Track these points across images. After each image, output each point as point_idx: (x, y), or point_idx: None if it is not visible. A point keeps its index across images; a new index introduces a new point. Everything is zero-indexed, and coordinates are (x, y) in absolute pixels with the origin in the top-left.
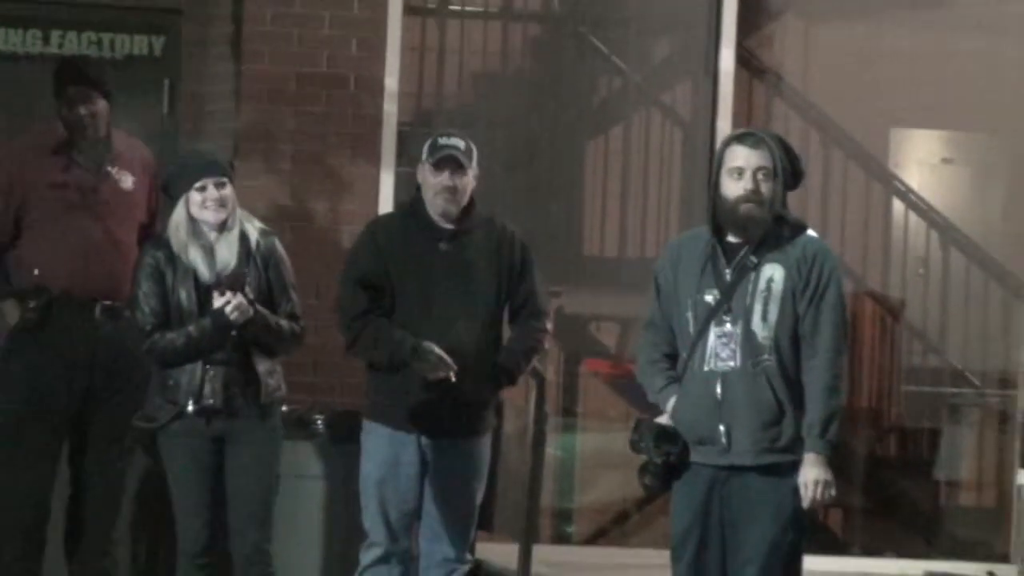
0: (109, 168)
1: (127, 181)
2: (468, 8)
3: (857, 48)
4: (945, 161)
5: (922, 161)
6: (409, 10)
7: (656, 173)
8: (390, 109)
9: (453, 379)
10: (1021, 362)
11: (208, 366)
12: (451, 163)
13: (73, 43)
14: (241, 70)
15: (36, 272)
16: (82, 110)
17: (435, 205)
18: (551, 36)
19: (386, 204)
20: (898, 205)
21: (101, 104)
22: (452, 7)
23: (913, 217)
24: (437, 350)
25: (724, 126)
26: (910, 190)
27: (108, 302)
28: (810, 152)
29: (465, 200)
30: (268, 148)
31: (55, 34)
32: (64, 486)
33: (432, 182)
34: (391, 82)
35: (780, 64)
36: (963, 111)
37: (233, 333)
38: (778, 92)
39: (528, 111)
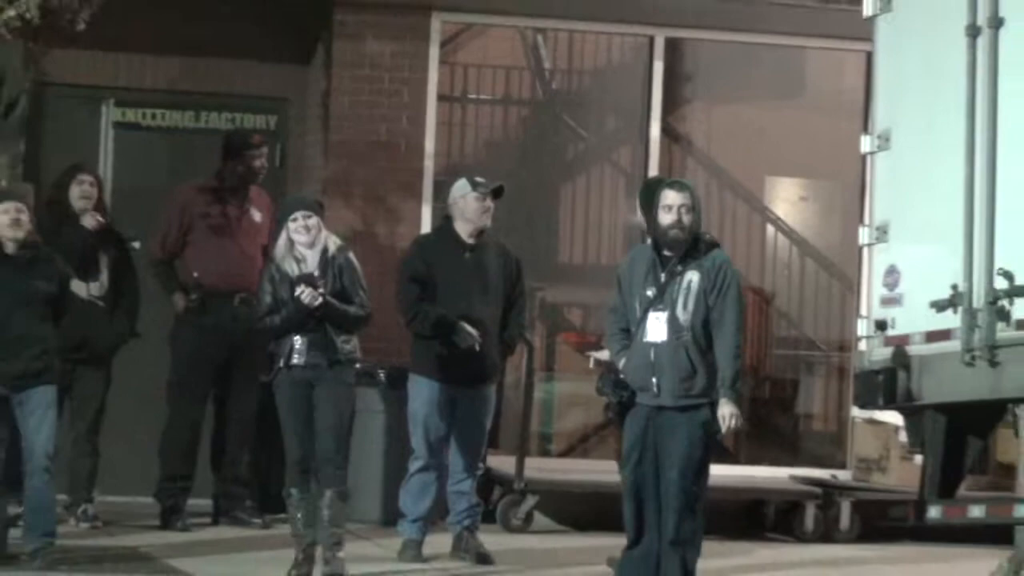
0: (247, 207)
1: (257, 216)
2: (480, 96)
3: (742, 122)
4: (802, 199)
5: (786, 199)
6: (441, 98)
7: (608, 207)
8: (428, 164)
9: (477, 349)
10: (853, 333)
11: (299, 337)
12: (494, 193)
13: (215, 121)
14: (328, 138)
15: (196, 274)
16: (256, 164)
17: (474, 222)
18: (536, 115)
19: (425, 228)
20: (770, 228)
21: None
22: (469, 96)
23: (780, 236)
24: (468, 328)
25: (655, 173)
26: (778, 218)
27: (243, 295)
28: (711, 194)
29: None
30: (346, 191)
31: (203, 114)
32: (210, 419)
33: (475, 206)
34: (429, 146)
35: (690, 133)
36: (813, 165)
37: (314, 315)
38: (689, 153)
39: (521, 165)
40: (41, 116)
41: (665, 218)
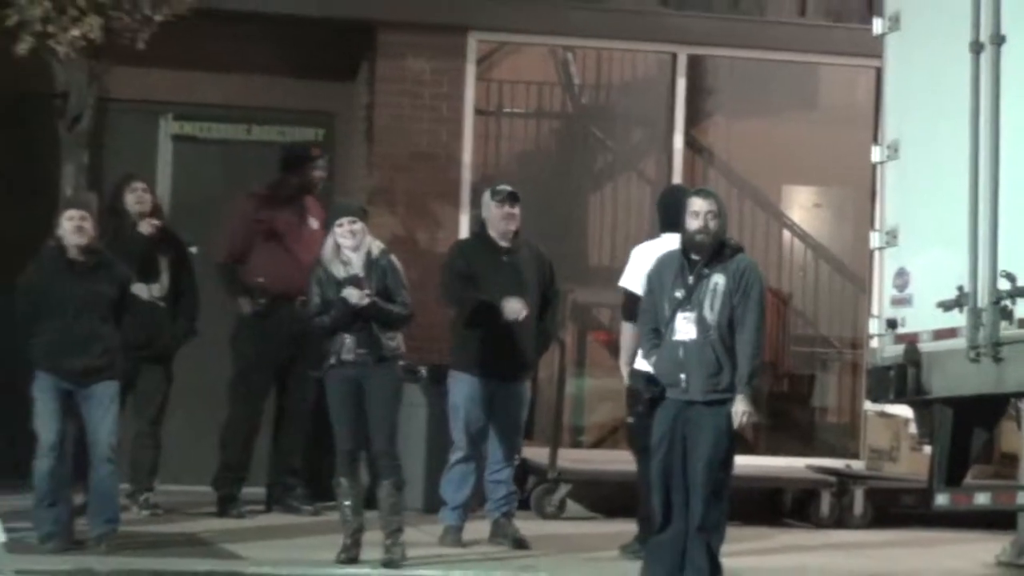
0: (305, 215)
1: (314, 224)
2: (514, 110)
3: (760, 134)
4: (816, 206)
5: (801, 206)
6: (477, 112)
7: (634, 213)
8: (465, 175)
9: (522, 317)
10: (865, 332)
11: (347, 335)
12: (509, 198)
13: (266, 134)
14: (372, 150)
15: (260, 279)
16: (317, 174)
17: (498, 228)
18: (566, 128)
19: (463, 234)
20: (786, 233)
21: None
22: (504, 110)
23: (796, 241)
24: (513, 300)
25: (679, 182)
26: (795, 224)
27: (302, 298)
28: (731, 201)
29: (516, 226)
30: (389, 199)
31: (254, 127)
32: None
33: (496, 213)
34: (466, 157)
35: (711, 145)
36: (827, 174)
37: (360, 314)
38: (710, 163)
39: (552, 175)
40: (104, 129)
41: (692, 224)
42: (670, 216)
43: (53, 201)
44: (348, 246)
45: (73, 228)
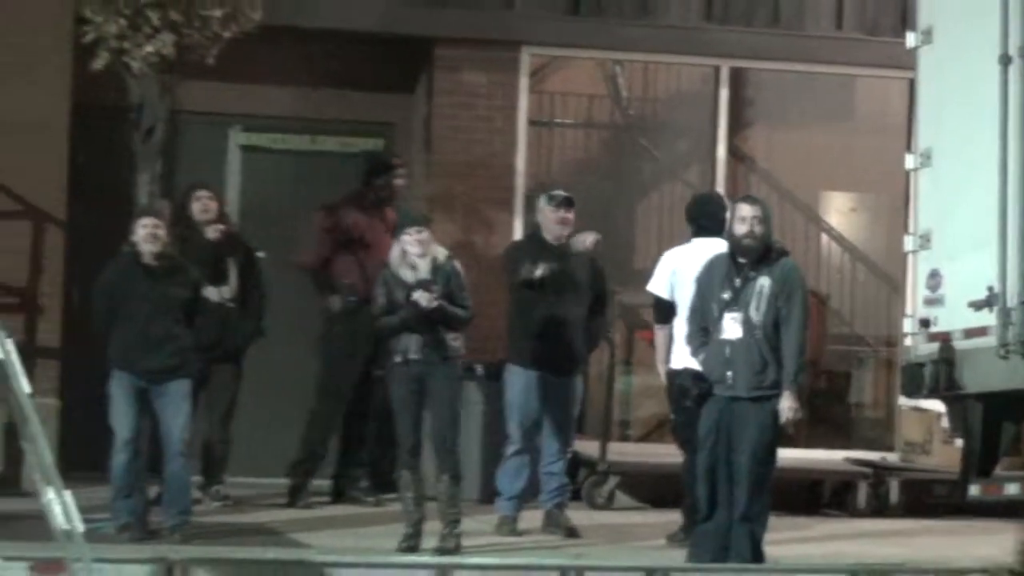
0: (386, 221)
1: (386, 228)
2: (565, 121)
3: (799, 143)
4: (853, 210)
5: (838, 210)
6: (530, 123)
7: (679, 220)
8: (519, 182)
9: (430, 305)
10: (899, 330)
11: (413, 336)
12: (564, 203)
13: (330, 144)
14: (430, 159)
15: (346, 281)
16: (398, 183)
17: (552, 231)
18: (615, 137)
19: (517, 236)
20: (824, 237)
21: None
22: (556, 120)
23: (833, 244)
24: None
25: (720, 192)
26: (832, 228)
27: None
28: (772, 208)
29: (570, 230)
30: (446, 206)
31: (318, 138)
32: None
33: (551, 216)
34: (519, 165)
35: (753, 153)
36: (862, 181)
37: (429, 316)
38: (752, 170)
39: (601, 182)
40: (176, 140)
41: (739, 228)
42: (701, 223)
43: (128, 209)
44: (415, 253)
45: (147, 236)
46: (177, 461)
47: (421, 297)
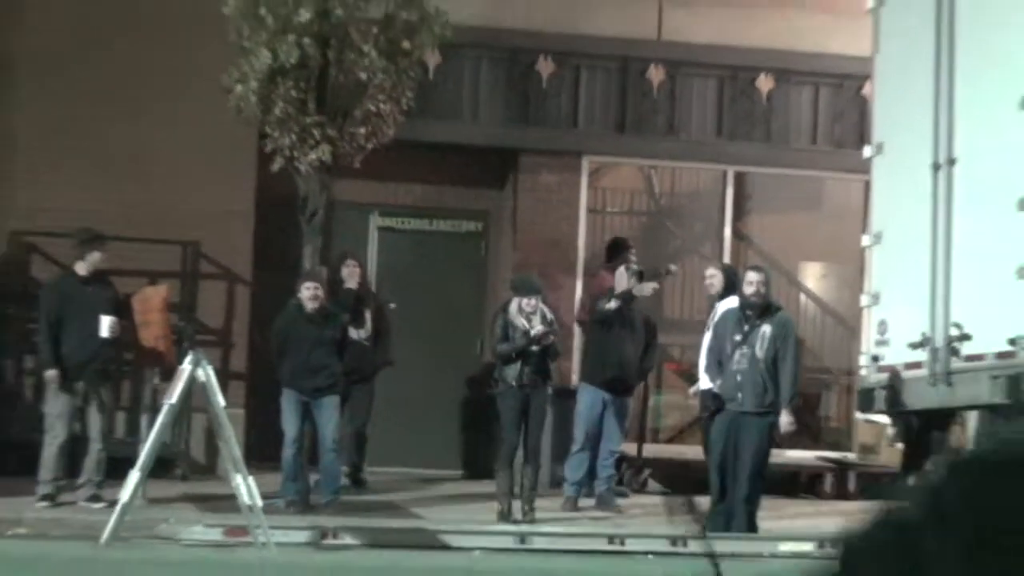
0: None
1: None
2: (614, 209)
3: (784, 225)
4: (823, 276)
5: (813, 276)
6: (589, 211)
7: (697, 282)
8: (580, 255)
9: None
10: (856, 364)
11: (525, 366)
12: (637, 274)
13: (444, 226)
14: (516, 237)
15: None
16: (632, 259)
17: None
18: (649, 221)
19: (578, 295)
20: (802, 295)
21: None
22: (607, 209)
23: (809, 301)
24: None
25: (727, 261)
26: (808, 288)
27: None
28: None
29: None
30: (527, 271)
31: (435, 221)
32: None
33: (627, 282)
34: (580, 243)
35: (750, 234)
36: (830, 255)
37: (535, 348)
38: (749, 246)
39: (639, 255)
40: (331, 222)
41: (748, 289)
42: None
43: (296, 272)
44: (529, 310)
45: (310, 296)
46: (329, 455)
47: (540, 333)
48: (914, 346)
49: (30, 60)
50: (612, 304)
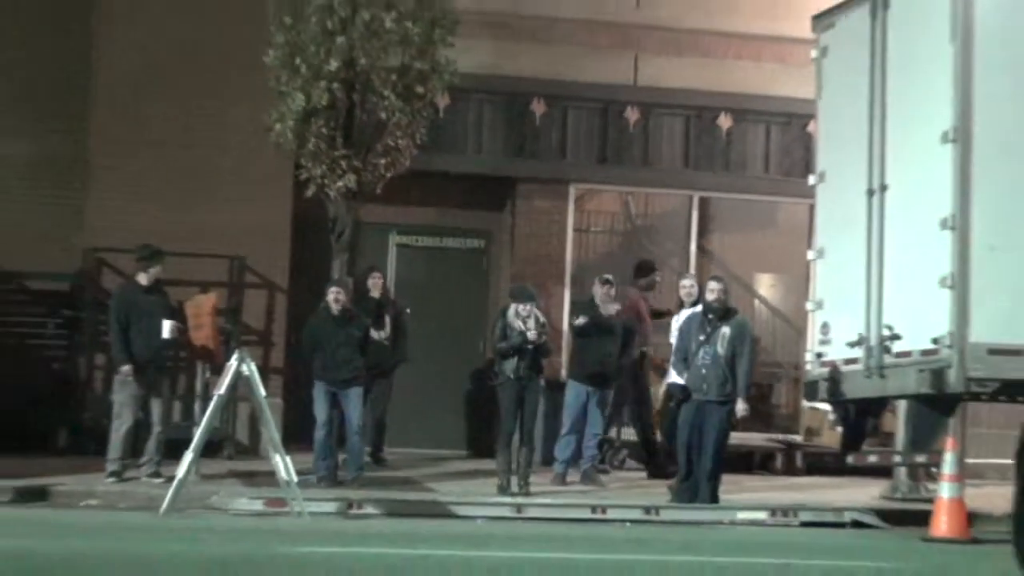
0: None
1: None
2: (596, 228)
3: (741, 243)
4: (773, 285)
5: (765, 285)
6: (575, 230)
7: (669, 291)
8: (568, 268)
9: (614, 310)
10: (803, 360)
11: (521, 361)
12: (607, 283)
13: (452, 243)
14: (513, 252)
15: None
16: (657, 279)
17: (600, 298)
18: (626, 239)
19: (567, 303)
20: (757, 302)
21: None
22: (591, 229)
23: (762, 306)
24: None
25: (692, 273)
26: (762, 296)
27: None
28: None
29: (613, 297)
30: (522, 282)
31: (445, 239)
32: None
33: (600, 291)
34: (568, 258)
35: (713, 250)
36: (780, 267)
37: (529, 347)
38: (712, 260)
39: (620, 269)
40: (357, 240)
41: (710, 296)
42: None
43: (326, 282)
44: (524, 314)
45: (332, 299)
46: (354, 437)
47: (533, 334)
48: (852, 344)
49: (102, 96)
50: (581, 320)
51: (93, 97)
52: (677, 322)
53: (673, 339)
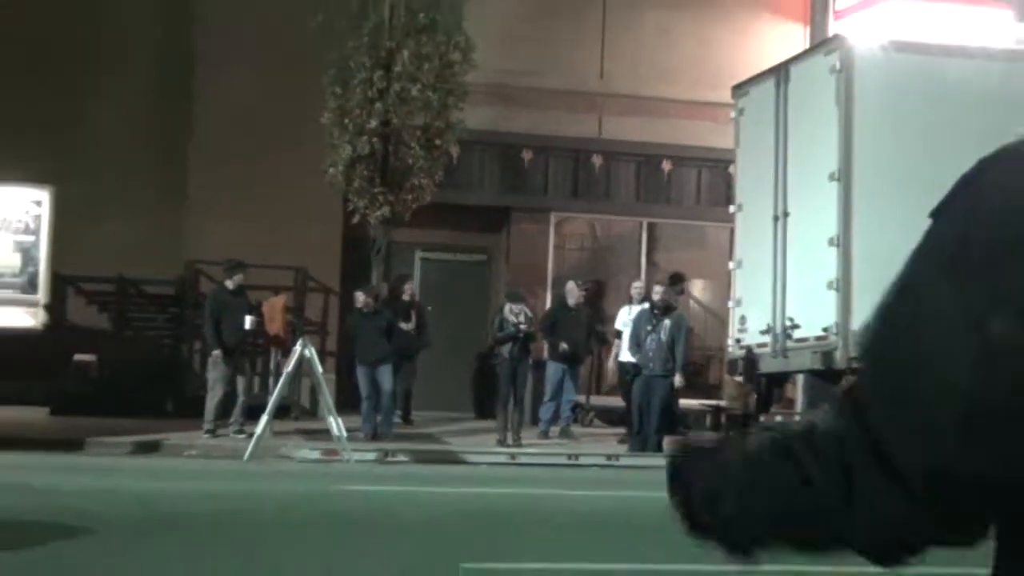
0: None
1: None
2: (571, 247)
3: (681, 257)
4: (704, 289)
5: (698, 288)
6: (554, 247)
7: (624, 295)
8: (549, 276)
9: (564, 347)
10: (726, 344)
11: (513, 345)
12: (579, 286)
13: (462, 257)
14: (508, 264)
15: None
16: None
17: (574, 297)
18: (592, 256)
19: (548, 303)
20: (692, 301)
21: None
22: (566, 247)
23: (696, 304)
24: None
25: (643, 280)
26: (696, 296)
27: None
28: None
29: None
30: (515, 286)
31: (458, 255)
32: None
33: (571, 289)
34: (550, 268)
35: (659, 262)
36: (709, 275)
37: (520, 336)
38: (658, 271)
39: (587, 275)
40: (391, 257)
41: (656, 297)
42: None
43: (366, 288)
44: (516, 311)
45: (363, 301)
46: (388, 404)
47: (523, 327)
48: (763, 332)
49: (199, 142)
50: (564, 347)
51: (192, 143)
52: (624, 314)
53: (619, 326)
